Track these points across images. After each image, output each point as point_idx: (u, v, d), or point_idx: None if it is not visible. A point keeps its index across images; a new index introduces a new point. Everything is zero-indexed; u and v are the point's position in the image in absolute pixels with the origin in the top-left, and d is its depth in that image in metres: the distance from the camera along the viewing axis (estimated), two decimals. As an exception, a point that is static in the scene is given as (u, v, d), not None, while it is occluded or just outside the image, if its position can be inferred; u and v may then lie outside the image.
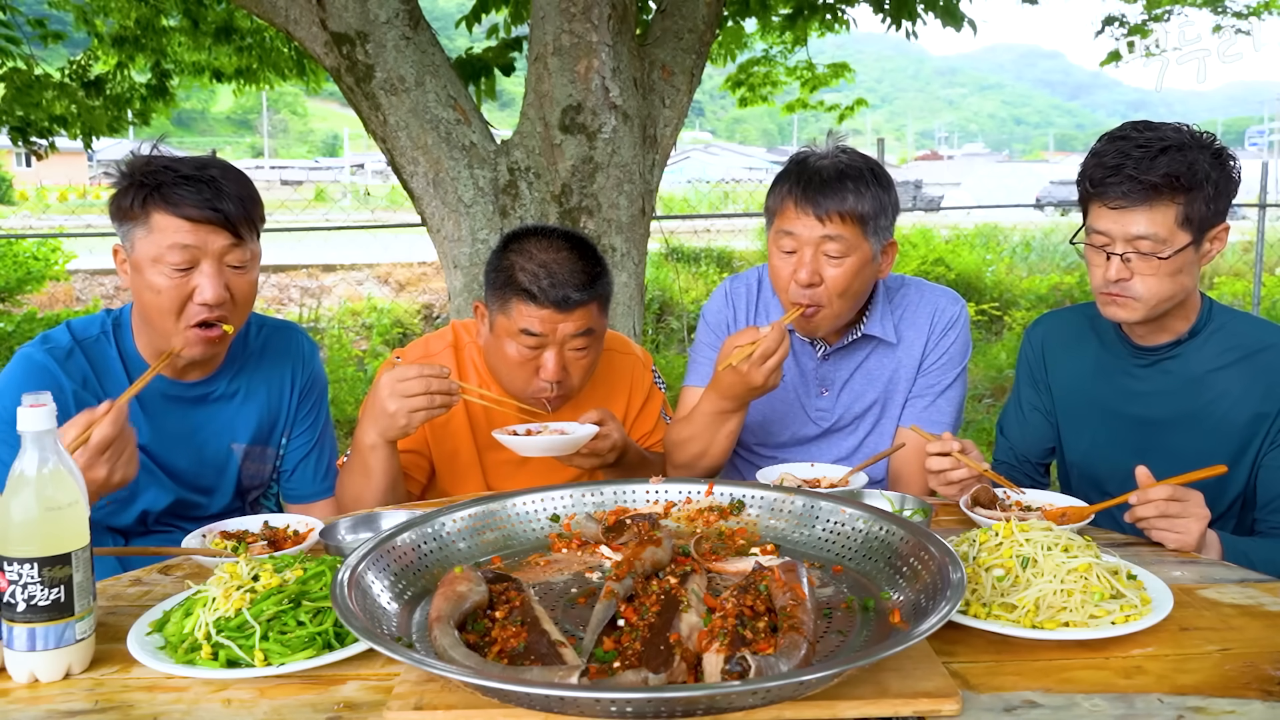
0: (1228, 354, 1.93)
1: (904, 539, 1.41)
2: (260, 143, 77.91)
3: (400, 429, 1.88)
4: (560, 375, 2.05)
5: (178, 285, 1.81)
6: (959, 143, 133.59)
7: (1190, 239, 1.83)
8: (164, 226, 1.80)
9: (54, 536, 1.21)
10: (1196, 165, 1.80)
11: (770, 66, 7.95)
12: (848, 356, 2.29)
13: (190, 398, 2.01)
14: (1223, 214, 1.87)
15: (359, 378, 7.89)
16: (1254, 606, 1.40)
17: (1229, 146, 1.87)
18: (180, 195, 1.79)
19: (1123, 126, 1.91)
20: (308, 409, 2.16)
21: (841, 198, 2.04)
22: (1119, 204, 1.83)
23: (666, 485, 1.71)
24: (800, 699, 1.08)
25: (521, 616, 1.25)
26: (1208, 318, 1.96)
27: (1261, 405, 1.89)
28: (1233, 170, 1.86)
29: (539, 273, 2.00)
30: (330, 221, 14.34)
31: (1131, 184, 1.81)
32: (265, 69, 7.55)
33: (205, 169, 1.84)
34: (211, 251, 1.83)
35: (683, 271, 11.22)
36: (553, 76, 3.97)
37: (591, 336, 2.07)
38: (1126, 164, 1.81)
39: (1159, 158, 1.79)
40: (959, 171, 48.17)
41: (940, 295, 2.32)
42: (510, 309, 2.03)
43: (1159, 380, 1.99)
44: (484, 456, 2.24)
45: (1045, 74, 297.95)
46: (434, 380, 1.85)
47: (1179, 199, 1.80)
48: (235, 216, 1.83)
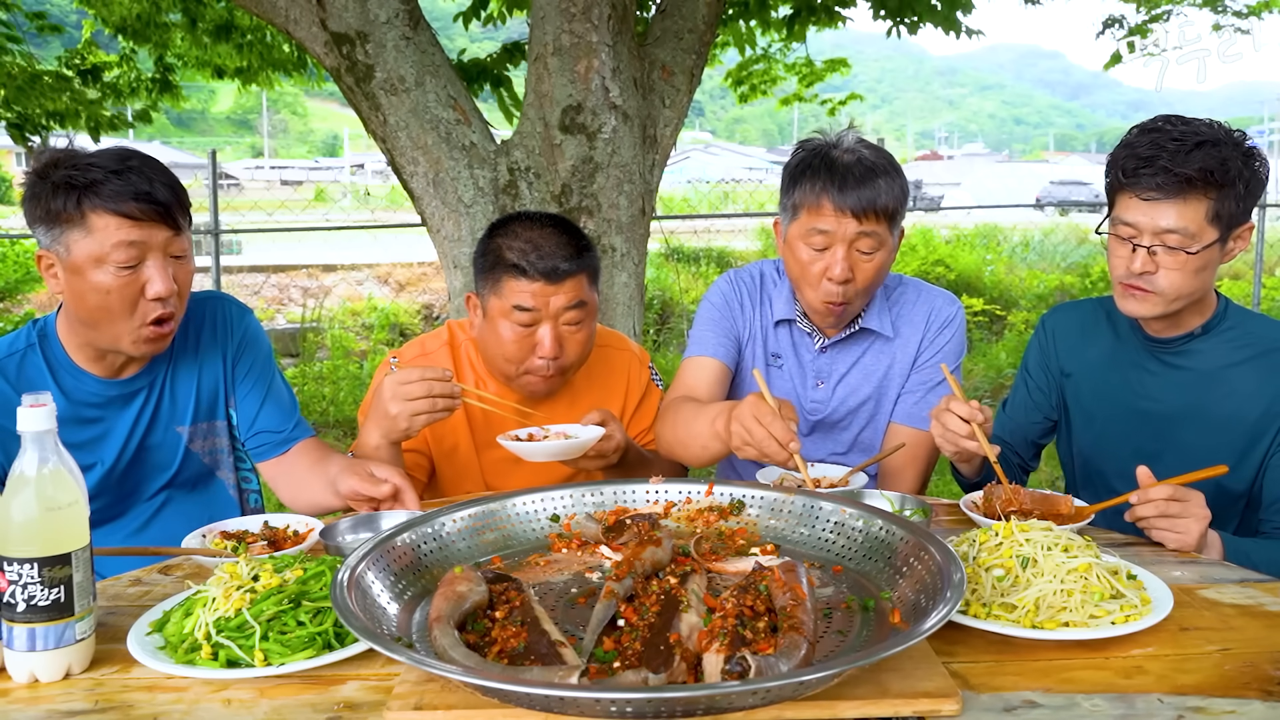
0: (1241, 351, 1.94)
1: (904, 539, 1.41)
2: (260, 143, 77.93)
3: (402, 431, 1.89)
4: (557, 351, 2.07)
5: (127, 283, 1.79)
6: (959, 143, 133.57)
7: (1218, 235, 1.83)
8: (103, 225, 1.76)
9: (54, 536, 1.21)
10: (1230, 162, 1.79)
11: (770, 64, 7.96)
12: (845, 350, 2.30)
13: (129, 393, 2.00)
14: (1248, 213, 1.87)
15: (359, 375, 7.89)
16: (1254, 606, 1.40)
17: (1259, 147, 1.87)
18: (114, 190, 1.76)
19: (1155, 119, 1.90)
20: (245, 370, 2.13)
21: (875, 194, 2.03)
22: (1152, 195, 1.82)
23: (666, 485, 1.71)
24: (800, 699, 1.08)
25: (521, 616, 1.25)
26: (1223, 315, 1.97)
27: (1273, 404, 1.89)
28: (1261, 170, 1.85)
29: (526, 248, 2.04)
30: (330, 221, 14.34)
31: (1166, 176, 1.80)
32: (266, 68, 7.54)
33: (128, 160, 1.80)
34: (156, 245, 1.81)
35: (683, 271, 11.23)
36: (553, 76, 3.97)
37: (584, 309, 2.09)
38: (1161, 155, 1.80)
39: (1194, 151, 1.78)
40: (959, 171, 48.19)
41: (937, 296, 2.33)
42: (502, 288, 2.06)
43: (1170, 374, 1.99)
44: (482, 455, 2.25)
45: (1045, 74, 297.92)
46: (436, 384, 1.85)
47: (1211, 194, 1.80)
48: (171, 205, 1.81)
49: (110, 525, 2.05)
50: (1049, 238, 14.78)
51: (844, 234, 2.05)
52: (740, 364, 2.35)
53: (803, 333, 2.30)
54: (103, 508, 2.02)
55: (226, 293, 2.27)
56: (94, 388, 1.96)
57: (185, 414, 2.07)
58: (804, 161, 2.11)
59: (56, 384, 1.94)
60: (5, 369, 1.91)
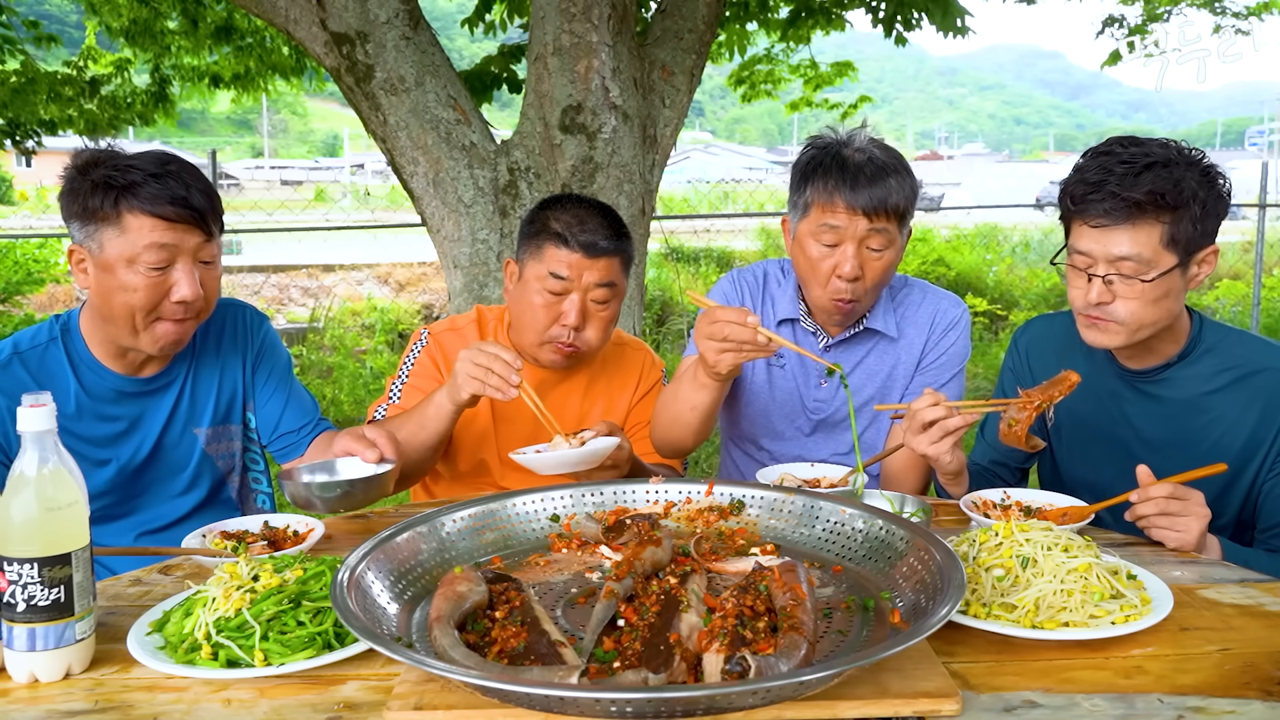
0: (1221, 376, 1.87)
1: (904, 539, 1.41)
2: (260, 143, 77.91)
3: (456, 389, 1.96)
4: (580, 322, 2.15)
5: (154, 284, 1.83)
6: (959, 143, 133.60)
7: (1176, 261, 1.75)
8: (138, 226, 1.80)
9: (54, 536, 1.21)
10: (1183, 183, 1.72)
11: (773, 65, 7.94)
12: (849, 349, 2.30)
13: (150, 391, 2.03)
14: (1211, 235, 1.78)
15: (360, 375, 7.89)
16: (1254, 606, 1.40)
17: (1218, 166, 1.79)
18: (152, 193, 1.80)
19: (1108, 141, 1.83)
20: (266, 376, 2.18)
21: (886, 193, 2.04)
22: (1101, 222, 1.76)
23: (666, 485, 1.71)
24: (800, 699, 1.08)
25: (521, 616, 1.25)
26: (1198, 337, 1.90)
27: (1257, 429, 1.83)
28: (1222, 189, 1.77)
29: (571, 221, 2.15)
30: (330, 221, 14.34)
31: (1114, 201, 1.73)
32: (264, 71, 7.54)
33: (167, 164, 1.84)
34: (186, 249, 1.84)
35: (683, 271, 11.22)
36: (553, 76, 3.97)
37: (612, 290, 2.18)
38: (1109, 180, 1.74)
39: (1143, 174, 1.72)
40: (959, 171, 48.16)
41: (943, 298, 2.33)
42: (543, 253, 2.16)
43: (1149, 404, 1.93)
44: (499, 428, 2.29)
45: (1045, 74, 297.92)
46: (500, 364, 1.89)
47: (1164, 218, 1.73)
48: (206, 212, 1.85)
49: (120, 523, 2.06)
50: (1049, 238, 14.77)
51: (855, 232, 2.06)
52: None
53: (806, 332, 2.31)
54: (113, 504, 2.03)
55: (244, 300, 2.29)
56: (114, 384, 1.98)
57: (204, 416, 2.10)
58: (815, 159, 2.11)
59: (77, 379, 1.96)
60: (27, 361, 1.94)
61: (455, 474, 2.32)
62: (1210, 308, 10.71)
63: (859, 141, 2.12)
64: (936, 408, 1.82)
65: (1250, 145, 75.93)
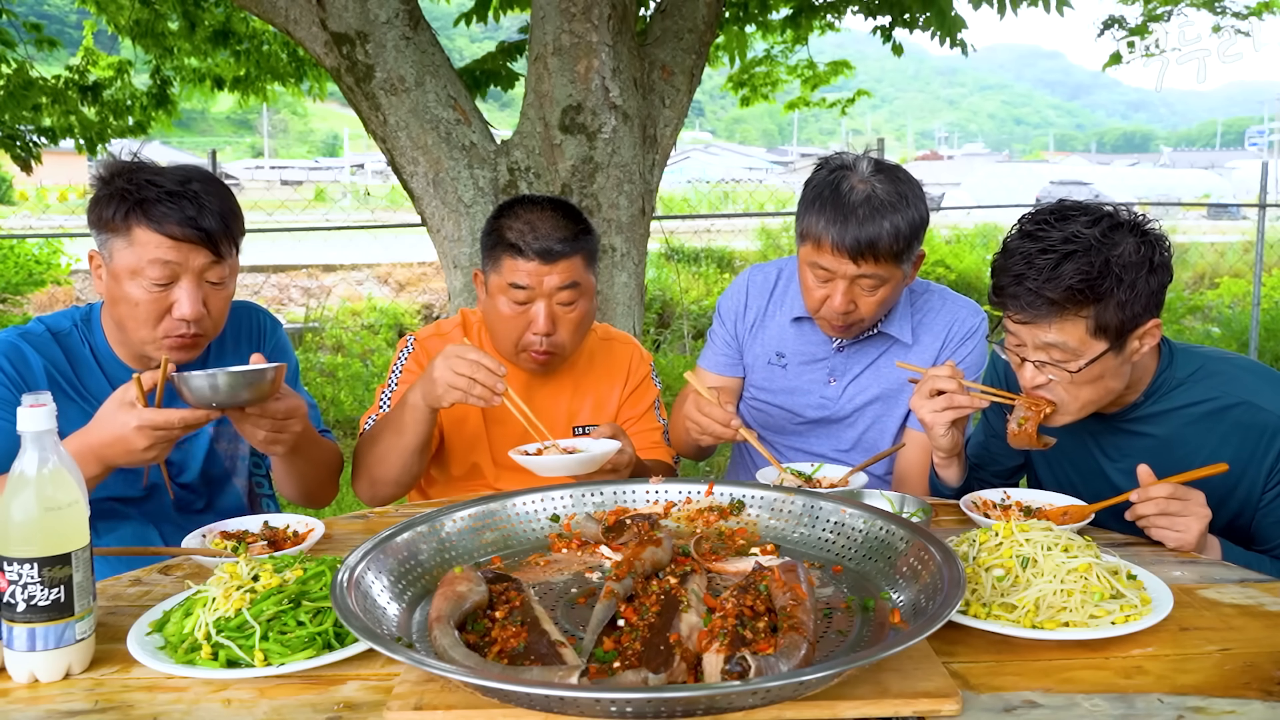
0: (1193, 410, 1.82)
1: (904, 539, 1.41)
2: (260, 143, 77.90)
3: (436, 398, 1.92)
4: (550, 328, 2.13)
5: (156, 299, 1.83)
6: (959, 143, 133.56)
7: (1107, 346, 1.69)
8: (145, 241, 1.81)
9: (54, 536, 1.21)
10: (1107, 270, 1.64)
11: (772, 66, 7.94)
12: (862, 350, 2.30)
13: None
14: (1152, 309, 1.70)
15: (361, 375, 7.88)
16: (1254, 606, 1.40)
17: (1155, 231, 1.70)
18: (163, 212, 1.80)
19: (1037, 216, 1.73)
20: None
21: (877, 235, 1.99)
22: (1022, 319, 1.71)
23: (666, 485, 1.71)
24: (800, 699, 1.08)
25: (521, 616, 1.25)
26: (1168, 373, 1.83)
27: (1235, 464, 1.76)
28: (1161, 260, 1.68)
29: (524, 229, 2.12)
30: (330, 221, 14.34)
31: (1033, 298, 1.67)
32: (264, 75, 7.52)
33: (188, 183, 1.84)
34: (192, 268, 1.84)
35: (683, 271, 11.22)
36: (553, 76, 3.97)
37: (577, 290, 2.15)
38: (1028, 275, 1.67)
39: (1062, 265, 1.64)
40: (959, 171, 48.12)
41: (962, 306, 2.31)
42: (501, 266, 2.13)
43: (1129, 439, 1.89)
44: (491, 430, 2.28)
45: (1045, 74, 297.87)
46: (484, 372, 1.87)
47: (1085, 311, 1.66)
48: (217, 234, 1.84)
49: (128, 520, 2.05)
50: (1049, 238, 14.74)
51: (844, 272, 2.06)
52: (744, 365, 2.41)
53: (818, 331, 2.30)
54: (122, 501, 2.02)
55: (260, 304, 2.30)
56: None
57: None
58: (816, 189, 2.08)
59: (102, 371, 1.96)
60: (61, 339, 1.94)
61: (449, 478, 2.31)
62: (1210, 306, 10.72)
63: (863, 171, 2.06)
64: (951, 380, 1.84)
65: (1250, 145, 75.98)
